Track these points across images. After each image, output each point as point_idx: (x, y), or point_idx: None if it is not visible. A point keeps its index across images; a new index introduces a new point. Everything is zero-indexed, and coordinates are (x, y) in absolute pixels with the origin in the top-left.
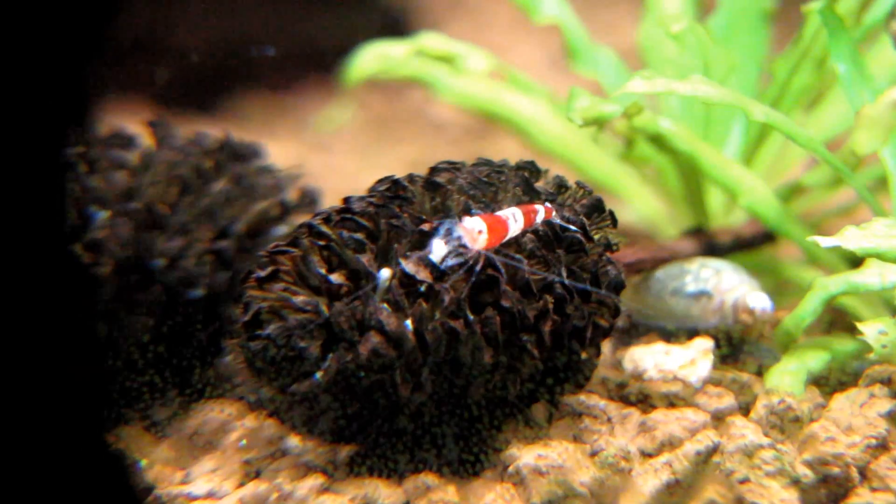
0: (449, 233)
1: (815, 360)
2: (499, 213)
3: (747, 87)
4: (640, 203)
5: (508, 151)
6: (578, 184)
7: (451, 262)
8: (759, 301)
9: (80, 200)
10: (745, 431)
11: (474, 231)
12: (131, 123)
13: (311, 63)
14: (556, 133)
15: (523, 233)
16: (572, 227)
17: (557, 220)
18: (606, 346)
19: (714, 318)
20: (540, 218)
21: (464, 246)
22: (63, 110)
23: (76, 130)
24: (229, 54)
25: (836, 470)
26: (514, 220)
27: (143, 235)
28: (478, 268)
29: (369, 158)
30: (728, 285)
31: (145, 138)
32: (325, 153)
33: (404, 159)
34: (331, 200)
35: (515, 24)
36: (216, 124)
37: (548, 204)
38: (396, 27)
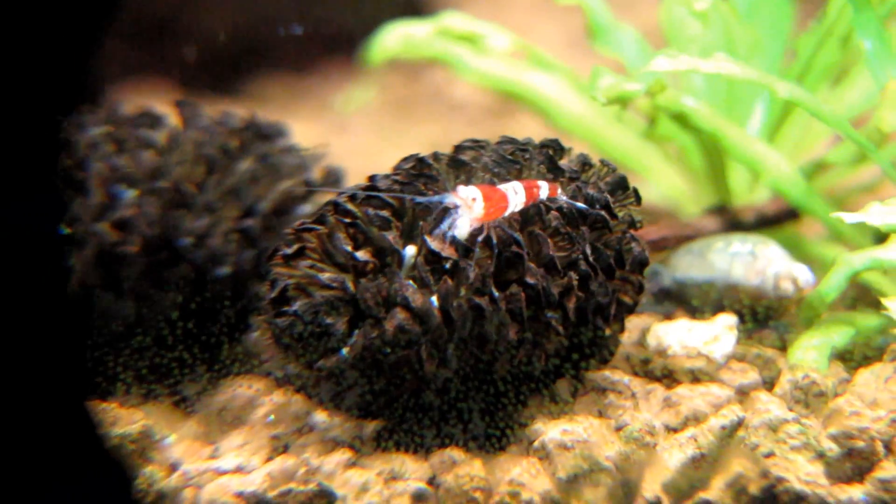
0: (445, 205)
1: (839, 335)
2: (499, 186)
3: (771, 65)
4: (662, 181)
5: (528, 130)
6: (602, 161)
7: (450, 233)
8: (803, 273)
9: (107, 179)
10: (770, 406)
11: (468, 199)
12: (156, 103)
13: (332, 44)
14: (578, 112)
15: (527, 208)
16: (578, 204)
17: (563, 198)
18: (630, 322)
19: (756, 279)
20: (544, 194)
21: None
22: (60, 93)
23: (90, 110)
24: (252, 35)
25: (861, 444)
26: (513, 192)
27: (171, 214)
28: (479, 238)
29: (390, 139)
30: (773, 253)
31: (172, 118)
32: (347, 133)
33: (425, 139)
34: (353, 180)
35: (536, 4)
36: (238, 105)
37: (543, 182)
38: (416, 7)
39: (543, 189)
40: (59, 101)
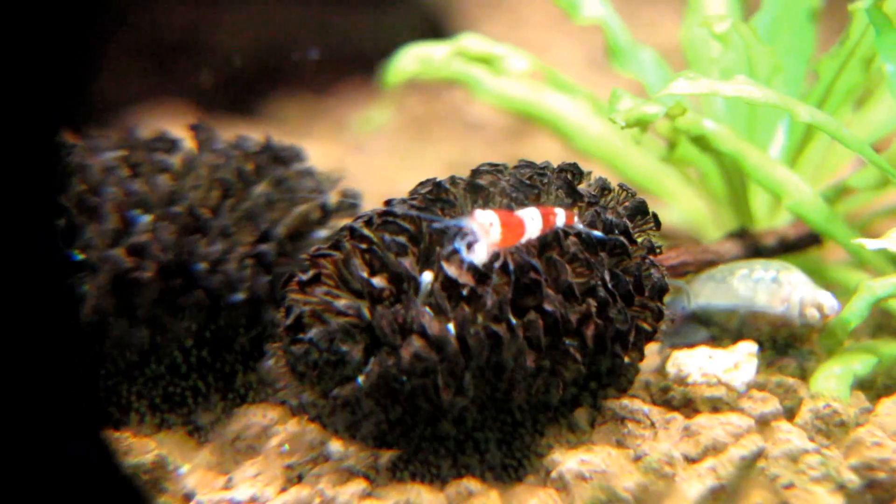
0: (461, 230)
1: (861, 363)
2: (516, 212)
3: (793, 87)
4: (682, 204)
5: (546, 151)
6: (621, 186)
7: (467, 259)
8: (829, 299)
9: (122, 204)
10: (791, 436)
11: (486, 223)
12: (172, 125)
13: (349, 64)
14: (597, 134)
15: (544, 235)
16: (595, 233)
17: (580, 227)
18: (650, 350)
19: (781, 306)
20: (560, 222)
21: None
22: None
23: (96, 133)
24: (269, 56)
25: (882, 475)
26: (530, 219)
27: (186, 239)
28: (496, 264)
29: (408, 159)
30: (797, 280)
31: (187, 142)
32: (364, 154)
33: (442, 160)
34: (370, 202)
35: (553, 23)
36: (255, 126)
37: (560, 210)
38: (435, 27)
39: (560, 216)
40: (63, 122)
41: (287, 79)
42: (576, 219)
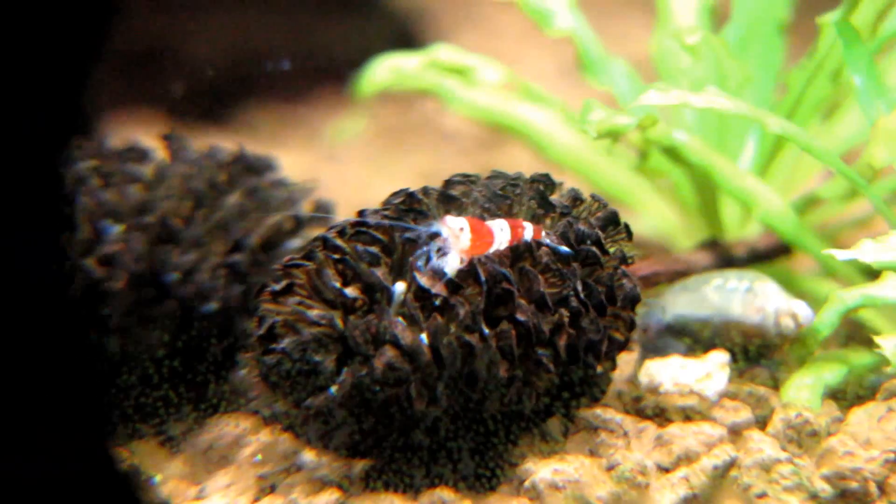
0: (432, 236)
1: (832, 373)
2: (486, 222)
3: (762, 99)
4: (654, 215)
5: (519, 161)
6: (593, 196)
7: (439, 267)
8: (802, 309)
9: (93, 214)
10: (763, 445)
11: (455, 228)
12: (144, 134)
13: (322, 73)
14: (568, 145)
15: (510, 248)
16: (561, 249)
17: (547, 241)
18: (622, 360)
19: (756, 316)
20: (528, 235)
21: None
22: (60, 122)
23: (81, 143)
24: (241, 65)
25: (854, 485)
26: (499, 229)
27: (158, 249)
28: (470, 273)
29: (381, 169)
30: (771, 290)
31: (159, 151)
32: (337, 163)
33: (415, 169)
34: (343, 211)
35: (526, 34)
36: (227, 135)
37: (528, 224)
38: (407, 37)
39: (528, 230)
40: (53, 134)
41: (259, 87)
42: (543, 233)
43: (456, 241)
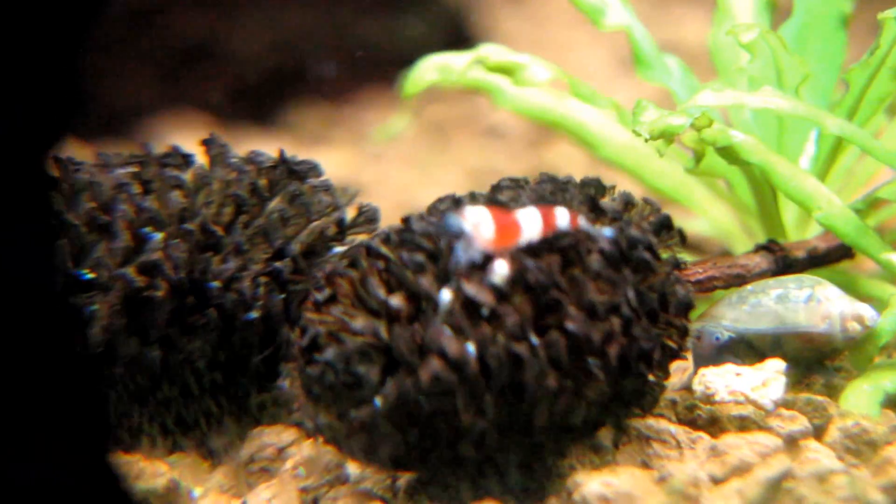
0: (457, 234)
1: (891, 381)
2: (514, 212)
3: (822, 96)
4: (710, 216)
5: (567, 158)
6: (646, 200)
7: (463, 259)
8: (868, 311)
9: (134, 222)
10: (819, 455)
11: (472, 220)
12: (187, 135)
13: (368, 71)
14: (621, 144)
15: (548, 237)
16: (604, 232)
17: (586, 227)
18: (675, 368)
19: (823, 324)
20: (563, 222)
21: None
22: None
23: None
24: (286, 64)
25: None
26: (528, 219)
27: (198, 257)
28: (497, 267)
29: (426, 168)
30: (833, 294)
31: (200, 156)
32: (382, 163)
33: (462, 168)
34: (387, 213)
35: (577, 23)
36: (271, 135)
37: (562, 209)
38: (456, 28)
39: (562, 217)
40: (60, 137)
41: (304, 86)
42: (581, 219)
43: (477, 233)
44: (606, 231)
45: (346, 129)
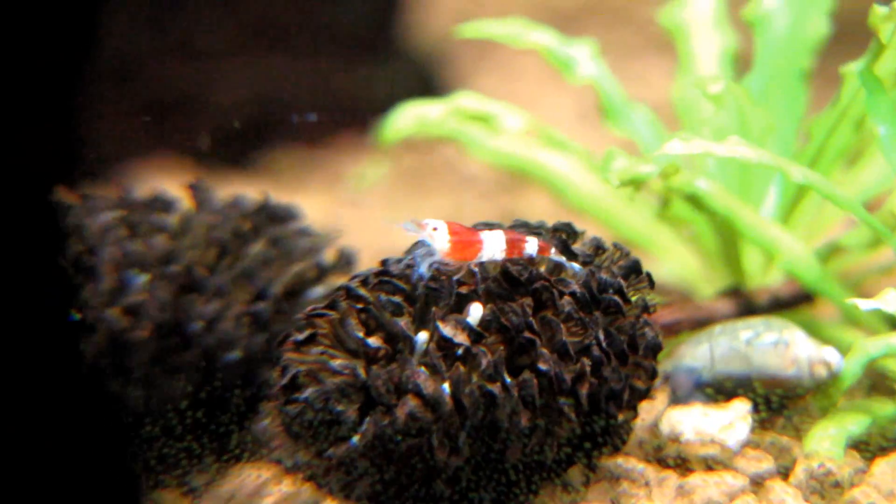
0: (418, 244)
1: (855, 423)
2: (480, 232)
3: (785, 147)
4: (675, 261)
5: (539, 206)
6: (615, 245)
7: (423, 269)
8: (833, 355)
9: (119, 264)
10: (785, 496)
11: (429, 227)
12: (169, 180)
13: (343, 117)
14: (589, 191)
15: (507, 260)
16: (570, 265)
17: (555, 258)
18: (643, 408)
19: (792, 368)
20: (531, 250)
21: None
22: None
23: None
24: (263, 111)
25: None
26: (492, 240)
27: (182, 299)
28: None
29: (402, 212)
30: (800, 338)
31: (185, 200)
32: (358, 207)
33: (436, 213)
34: (365, 256)
35: (544, 77)
36: (251, 180)
37: (532, 238)
38: (427, 81)
39: (531, 245)
40: (57, 181)
41: (281, 132)
42: (552, 250)
43: (431, 240)
44: (576, 266)
45: (322, 175)
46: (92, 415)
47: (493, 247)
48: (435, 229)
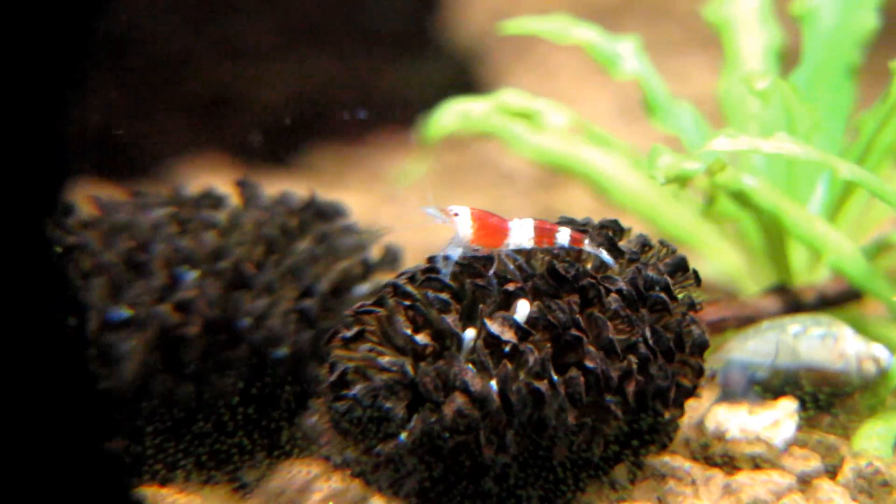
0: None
1: None
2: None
3: (832, 143)
4: (720, 259)
5: (578, 202)
6: (662, 242)
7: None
8: (882, 352)
9: (170, 260)
10: (833, 495)
11: (451, 211)
12: (212, 177)
13: (383, 114)
14: (633, 188)
15: (538, 249)
16: (605, 258)
17: (590, 249)
18: (689, 406)
19: (840, 363)
20: (563, 240)
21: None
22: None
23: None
24: (305, 108)
25: None
26: (518, 227)
27: (231, 295)
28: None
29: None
30: (847, 334)
31: (233, 197)
32: (397, 204)
33: None
34: (405, 253)
35: (581, 74)
36: (293, 177)
37: (564, 228)
38: (466, 77)
39: (563, 235)
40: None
41: (322, 130)
42: (586, 241)
43: (454, 226)
44: (604, 254)
45: (362, 172)
46: (72, 408)
47: (521, 234)
48: (456, 215)
